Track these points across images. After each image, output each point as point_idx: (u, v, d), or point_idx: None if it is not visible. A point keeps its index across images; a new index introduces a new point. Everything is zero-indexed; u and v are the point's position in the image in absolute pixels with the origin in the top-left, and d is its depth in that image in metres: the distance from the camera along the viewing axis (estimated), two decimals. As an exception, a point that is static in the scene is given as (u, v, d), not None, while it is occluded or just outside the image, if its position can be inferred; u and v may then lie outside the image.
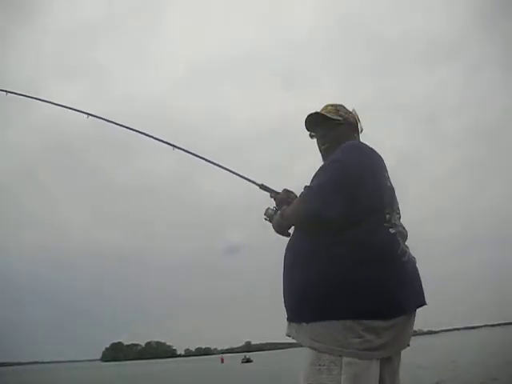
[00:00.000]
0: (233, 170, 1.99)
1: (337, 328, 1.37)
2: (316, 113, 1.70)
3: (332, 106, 1.73)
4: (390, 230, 1.48)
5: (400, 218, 1.59)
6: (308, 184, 1.55)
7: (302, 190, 1.56)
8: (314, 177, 1.55)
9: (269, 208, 1.73)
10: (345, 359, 1.35)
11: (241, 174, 1.96)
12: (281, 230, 1.64)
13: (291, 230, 1.64)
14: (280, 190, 1.81)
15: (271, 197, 1.81)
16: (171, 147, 2.14)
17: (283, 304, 1.54)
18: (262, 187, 1.88)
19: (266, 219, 1.72)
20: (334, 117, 1.69)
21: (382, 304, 1.38)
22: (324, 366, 1.37)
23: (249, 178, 1.93)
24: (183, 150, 2.12)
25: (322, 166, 1.58)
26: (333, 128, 1.68)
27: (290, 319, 1.51)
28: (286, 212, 1.61)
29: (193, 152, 2.09)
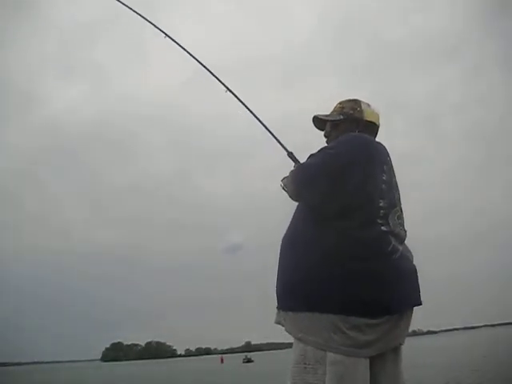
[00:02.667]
0: (269, 128, 2.01)
1: (321, 321, 1.36)
2: (314, 116, 1.76)
3: (340, 103, 1.75)
4: (383, 227, 1.45)
5: (401, 216, 1.56)
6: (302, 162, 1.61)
7: (295, 166, 1.63)
8: (309, 156, 1.59)
9: (285, 177, 1.75)
10: (329, 357, 1.34)
11: (275, 134, 1.98)
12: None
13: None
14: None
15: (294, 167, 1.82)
16: (224, 89, 2.22)
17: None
18: (290, 155, 1.90)
19: (280, 185, 1.75)
20: (331, 118, 1.72)
21: (366, 302, 1.36)
22: (310, 365, 1.36)
23: (281, 141, 1.96)
24: (235, 95, 2.18)
25: (321, 148, 1.59)
26: (333, 128, 1.72)
27: (278, 307, 1.51)
28: (285, 183, 1.69)
29: (243, 101, 2.13)
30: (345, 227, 1.42)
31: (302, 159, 1.66)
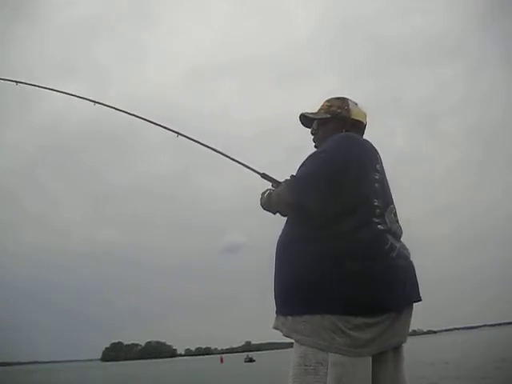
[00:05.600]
0: (235, 158, 1.96)
1: (321, 323, 1.36)
2: (301, 114, 1.75)
3: (328, 101, 1.74)
4: (379, 226, 1.45)
5: (396, 214, 1.56)
6: (294, 173, 1.56)
7: (288, 178, 1.58)
8: (300, 166, 1.56)
9: (265, 193, 1.68)
10: (331, 358, 1.34)
11: (243, 162, 1.93)
12: (267, 208, 1.65)
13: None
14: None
15: (272, 186, 1.77)
16: (175, 134, 2.13)
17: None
18: (264, 176, 1.84)
19: (261, 204, 1.68)
20: (318, 116, 1.72)
21: (366, 301, 1.36)
22: (311, 366, 1.36)
23: (251, 166, 1.91)
24: (187, 137, 2.10)
25: (310, 155, 1.57)
26: (320, 126, 1.72)
27: (277, 312, 1.50)
28: (273, 197, 1.62)
29: (197, 140, 2.07)
30: (341, 228, 1.41)
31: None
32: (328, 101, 1.74)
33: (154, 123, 2.17)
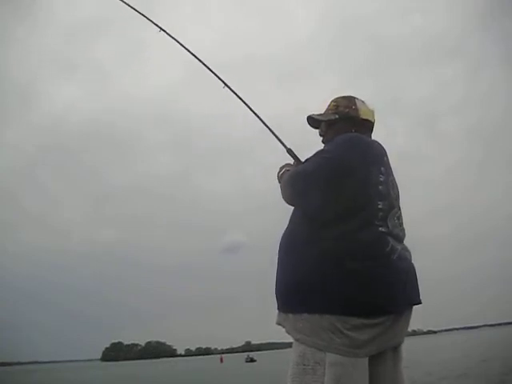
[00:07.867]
0: (269, 125, 1.93)
1: (320, 323, 1.36)
2: (308, 116, 1.73)
3: (335, 101, 1.72)
4: (380, 228, 1.45)
5: (400, 216, 1.55)
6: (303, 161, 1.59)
7: (297, 165, 1.59)
8: (307, 159, 1.57)
9: (284, 168, 1.73)
10: (328, 358, 1.34)
11: (274, 131, 1.91)
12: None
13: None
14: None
15: (293, 164, 1.79)
16: (222, 85, 2.10)
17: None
18: (289, 152, 1.84)
19: (277, 176, 1.72)
20: (326, 118, 1.69)
21: (365, 302, 1.36)
22: (309, 366, 1.36)
23: (280, 138, 1.89)
24: (232, 90, 2.07)
25: (317, 152, 1.56)
26: (329, 127, 1.70)
27: (278, 308, 1.51)
28: (282, 181, 1.64)
29: (241, 97, 2.03)
30: (343, 229, 1.41)
31: (301, 158, 1.64)
32: (334, 100, 1.72)
33: (206, 66, 2.15)
